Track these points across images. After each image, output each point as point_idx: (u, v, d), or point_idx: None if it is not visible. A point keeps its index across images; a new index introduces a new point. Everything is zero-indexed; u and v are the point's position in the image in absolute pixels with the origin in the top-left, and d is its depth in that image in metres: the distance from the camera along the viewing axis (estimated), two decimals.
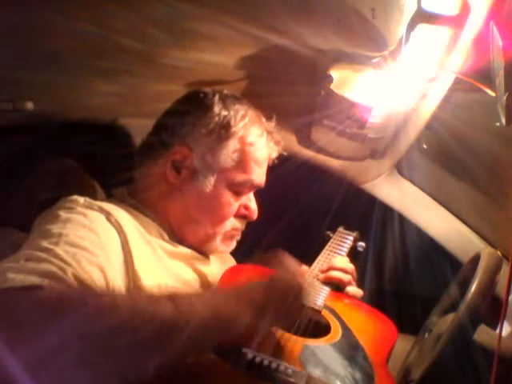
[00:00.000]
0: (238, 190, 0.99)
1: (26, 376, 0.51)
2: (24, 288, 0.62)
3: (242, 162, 0.98)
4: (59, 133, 1.23)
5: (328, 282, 1.02)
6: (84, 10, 0.82)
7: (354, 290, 1.04)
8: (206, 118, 0.96)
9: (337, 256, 1.12)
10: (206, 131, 0.96)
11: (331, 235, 1.24)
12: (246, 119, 0.98)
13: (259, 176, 1.01)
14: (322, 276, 1.03)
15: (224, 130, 0.96)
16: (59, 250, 0.71)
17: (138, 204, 0.97)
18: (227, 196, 0.98)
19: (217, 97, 0.99)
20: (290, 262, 0.84)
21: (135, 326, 0.60)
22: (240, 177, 0.98)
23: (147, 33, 0.91)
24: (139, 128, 1.25)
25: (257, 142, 0.99)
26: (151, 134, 1.02)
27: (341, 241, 1.20)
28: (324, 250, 1.15)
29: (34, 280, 0.64)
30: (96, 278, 0.73)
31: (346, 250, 1.17)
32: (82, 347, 0.56)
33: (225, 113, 0.97)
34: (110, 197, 1.03)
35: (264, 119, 1.03)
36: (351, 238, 1.23)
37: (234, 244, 1.05)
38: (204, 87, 1.04)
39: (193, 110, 0.98)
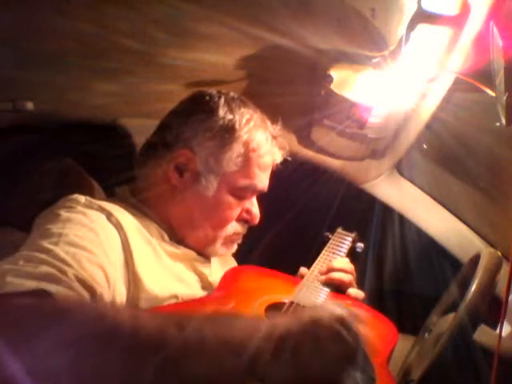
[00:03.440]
0: (240, 194, 0.98)
1: (23, 382, 0.51)
2: (22, 294, 0.62)
3: (246, 167, 0.97)
4: (59, 133, 1.23)
5: (328, 283, 1.02)
6: (84, 10, 0.82)
7: (355, 291, 1.03)
8: (210, 122, 0.95)
9: (336, 257, 1.12)
10: (210, 135, 0.95)
11: (330, 236, 1.24)
12: (251, 123, 0.97)
13: (262, 181, 1.00)
14: (322, 278, 1.03)
15: (228, 134, 0.95)
16: (59, 251, 0.71)
17: (140, 203, 0.97)
18: (229, 200, 0.97)
19: (222, 100, 0.97)
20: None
21: (136, 355, 0.56)
22: (243, 181, 0.97)
23: (147, 33, 0.91)
24: (139, 128, 1.25)
25: (261, 147, 0.98)
26: (154, 134, 1.02)
27: (340, 242, 1.20)
28: (323, 251, 1.15)
29: (33, 284, 0.63)
30: (97, 277, 0.73)
31: (345, 250, 1.17)
32: (78, 365, 0.54)
33: (230, 116, 0.96)
34: (111, 196, 1.03)
35: (269, 123, 1.02)
36: (350, 239, 1.23)
37: (234, 247, 1.05)
38: (205, 87, 1.03)
39: (197, 112, 0.96)
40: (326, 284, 1.02)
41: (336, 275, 1.02)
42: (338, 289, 1.03)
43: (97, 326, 0.57)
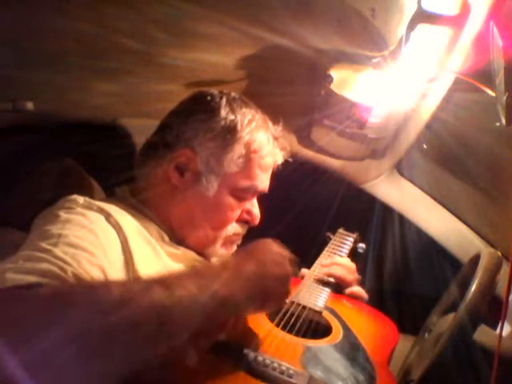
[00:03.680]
0: (241, 195, 0.97)
1: (27, 374, 0.51)
2: (23, 287, 0.62)
3: (247, 168, 0.96)
4: (59, 133, 1.23)
5: (329, 277, 1.02)
6: (84, 10, 0.82)
7: (358, 290, 1.03)
8: (211, 122, 0.95)
9: (337, 257, 1.12)
10: (211, 135, 0.94)
11: (331, 236, 1.24)
12: (253, 124, 0.96)
13: (263, 182, 1.00)
14: (324, 271, 1.03)
15: (230, 135, 0.94)
16: (58, 251, 0.71)
17: (140, 204, 0.97)
18: (230, 201, 0.96)
19: (224, 100, 0.97)
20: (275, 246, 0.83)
21: (132, 317, 0.60)
22: (244, 182, 0.96)
23: (147, 33, 0.91)
24: (139, 128, 1.25)
25: (263, 148, 0.97)
26: (155, 134, 1.01)
27: (341, 242, 1.20)
28: (324, 252, 1.15)
29: (33, 279, 0.64)
30: (96, 278, 0.73)
31: (347, 251, 1.17)
32: (82, 342, 0.56)
33: (231, 117, 0.95)
34: (111, 196, 1.03)
35: (271, 124, 1.02)
36: (351, 240, 1.23)
37: (234, 248, 1.05)
38: (205, 87, 1.03)
39: (199, 112, 0.96)
40: (325, 283, 1.02)
41: (338, 270, 1.02)
42: (338, 289, 1.04)
43: (95, 306, 0.59)
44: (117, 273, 0.79)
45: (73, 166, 1.15)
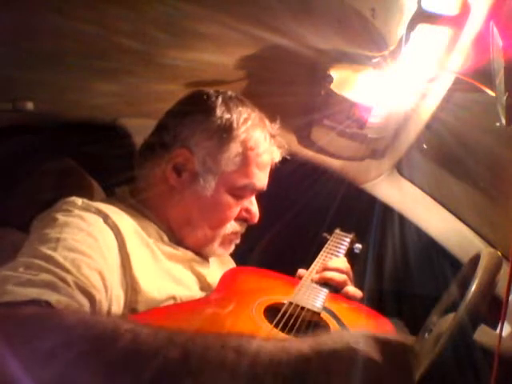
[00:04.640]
0: (238, 193, 0.97)
1: None
2: (23, 303, 0.61)
3: (244, 167, 0.96)
4: (59, 133, 1.23)
5: (323, 282, 1.02)
6: (84, 9, 0.82)
7: (353, 290, 1.03)
8: (207, 121, 0.95)
9: (334, 258, 1.12)
10: (207, 134, 0.95)
11: (328, 237, 1.24)
12: (249, 122, 0.97)
13: (261, 180, 1.00)
14: (316, 276, 1.03)
15: (226, 134, 0.94)
16: (58, 257, 0.71)
17: (139, 204, 0.97)
18: (228, 200, 0.96)
19: (220, 99, 0.97)
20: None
21: (133, 373, 0.53)
22: (241, 181, 0.96)
23: (147, 33, 0.91)
24: (139, 128, 1.25)
25: (259, 146, 0.98)
26: (152, 134, 1.01)
27: (338, 243, 1.20)
28: (321, 252, 1.15)
29: (34, 293, 0.63)
30: (95, 283, 0.72)
31: (344, 251, 1.17)
32: (75, 379, 0.53)
33: (227, 116, 0.95)
34: (111, 196, 1.03)
35: (268, 122, 1.02)
36: (348, 240, 1.23)
37: (232, 248, 1.05)
38: (205, 87, 1.03)
39: (195, 112, 0.96)
40: (323, 284, 1.02)
41: (328, 274, 1.03)
42: (336, 289, 1.03)
43: (95, 343, 0.56)
44: (114, 275, 0.79)
45: (73, 166, 1.15)
